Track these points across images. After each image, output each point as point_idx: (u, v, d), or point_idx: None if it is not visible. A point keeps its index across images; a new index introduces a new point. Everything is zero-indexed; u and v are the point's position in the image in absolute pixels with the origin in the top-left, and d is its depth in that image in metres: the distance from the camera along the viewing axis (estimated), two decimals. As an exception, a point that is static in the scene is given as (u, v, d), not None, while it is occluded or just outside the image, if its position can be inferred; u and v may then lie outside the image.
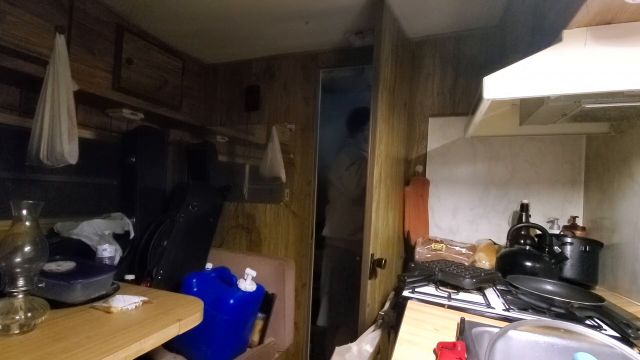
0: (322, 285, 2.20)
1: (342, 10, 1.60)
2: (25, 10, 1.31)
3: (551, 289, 1.04)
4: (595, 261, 1.28)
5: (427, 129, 1.84)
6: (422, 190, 1.79)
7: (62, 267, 1.17)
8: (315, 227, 2.06)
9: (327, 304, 2.17)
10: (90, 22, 1.58)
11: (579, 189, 1.54)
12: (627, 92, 0.81)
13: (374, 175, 1.36)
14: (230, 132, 2.38)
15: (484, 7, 1.53)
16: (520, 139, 1.62)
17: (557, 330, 0.75)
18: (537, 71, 0.77)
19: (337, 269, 2.16)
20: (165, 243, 1.78)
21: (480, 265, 1.38)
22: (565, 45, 0.78)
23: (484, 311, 0.92)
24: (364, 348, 1.19)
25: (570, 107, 0.96)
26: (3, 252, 0.88)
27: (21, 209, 0.92)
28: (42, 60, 1.35)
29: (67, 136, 1.38)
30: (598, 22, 0.76)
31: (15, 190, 1.51)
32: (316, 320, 2.15)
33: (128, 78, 1.76)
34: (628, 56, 0.73)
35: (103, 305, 1.08)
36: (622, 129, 1.21)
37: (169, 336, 1.03)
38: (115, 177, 1.92)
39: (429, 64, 1.85)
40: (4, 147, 1.47)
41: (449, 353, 0.65)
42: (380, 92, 1.39)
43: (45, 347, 0.82)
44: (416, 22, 1.68)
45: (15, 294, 0.88)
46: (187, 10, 1.67)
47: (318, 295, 2.19)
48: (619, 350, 0.65)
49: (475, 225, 1.71)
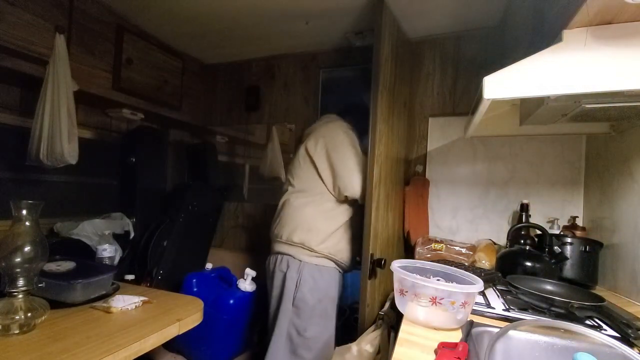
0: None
1: (342, 11, 1.60)
2: (25, 10, 1.31)
3: (551, 289, 1.04)
4: (595, 261, 1.28)
5: (427, 129, 1.84)
6: (422, 190, 1.79)
7: (62, 267, 1.17)
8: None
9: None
10: (90, 22, 1.58)
11: (579, 189, 1.54)
12: (627, 92, 0.81)
13: (374, 175, 1.36)
14: (230, 132, 2.38)
15: (484, 7, 1.53)
16: (520, 139, 1.62)
17: (557, 330, 0.75)
18: (537, 71, 0.77)
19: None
20: (165, 243, 1.78)
21: (480, 265, 1.38)
22: (565, 45, 0.78)
23: (484, 311, 0.92)
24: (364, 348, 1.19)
25: (570, 107, 0.96)
26: (3, 252, 0.88)
27: (21, 209, 0.92)
28: (42, 60, 1.35)
29: (67, 136, 1.38)
30: (598, 22, 0.76)
31: (15, 190, 1.51)
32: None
33: (128, 78, 1.76)
34: (628, 56, 0.73)
35: (103, 305, 1.08)
36: (622, 129, 1.21)
37: (169, 336, 1.03)
38: (115, 177, 1.92)
39: (429, 64, 1.85)
40: (4, 147, 1.47)
41: (448, 353, 0.65)
42: (380, 92, 1.39)
43: (45, 347, 0.82)
44: (416, 22, 1.68)
45: (15, 294, 0.88)
46: (187, 10, 1.67)
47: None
48: (619, 350, 0.65)
49: (475, 225, 1.71)
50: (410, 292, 0.83)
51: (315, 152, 1.45)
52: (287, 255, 1.44)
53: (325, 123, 1.55)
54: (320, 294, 1.41)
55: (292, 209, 1.46)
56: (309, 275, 1.40)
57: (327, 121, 1.57)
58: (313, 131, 1.54)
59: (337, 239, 1.45)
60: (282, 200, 1.52)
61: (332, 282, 1.46)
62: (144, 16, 1.76)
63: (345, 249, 1.48)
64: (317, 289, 1.40)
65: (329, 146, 1.44)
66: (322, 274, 1.43)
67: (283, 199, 1.52)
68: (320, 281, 1.42)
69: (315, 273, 1.41)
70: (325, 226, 1.43)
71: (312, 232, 1.41)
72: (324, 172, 1.44)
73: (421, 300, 0.80)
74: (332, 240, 1.44)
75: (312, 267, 1.41)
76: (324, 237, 1.42)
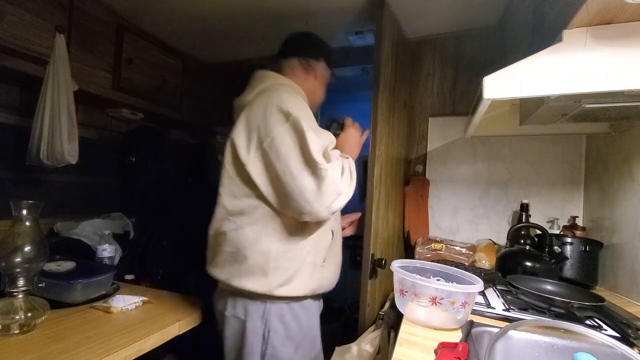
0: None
1: (342, 10, 1.60)
2: (25, 10, 1.31)
3: (551, 289, 1.04)
4: (595, 261, 1.28)
5: (427, 129, 1.84)
6: (422, 190, 1.79)
7: (62, 267, 1.17)
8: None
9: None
10: (90, 22, 1.58)
11: (579, 189, 1.54)
12: (627, 92, 0.81)
13: (374, 175, 1.36)
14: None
15: (484, 7, 1.53)
16: (520, 139, 1.62)
17: (557, 330, 0.75)
18: (537, 71, 0.77)
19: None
20: (165, 243, 1.78)
21: (480, 265, 1.38)
22: (565, 45, 0.78)
23: (484, 311, 0.92)
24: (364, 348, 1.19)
25: (570, 107, 0.96)
26: (3, 252, 0.88)
27: (21, 209, 0.92)
28: (42, 60, 1.35)
29: (67, 136, 1.38)
30: (598, 22, 0.76)
31: (15, 190, 1.51)
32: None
33: (128, 78, 1.76)
34: (628, 56, 0.73)
35: (103, 305, 1.09)
36: (622, 129, 1.21)
37: (169, 336, 1.03)
38: (115, 177, 1.92)
39: (429, 64, 1.85)
40: (4, 147, 1.47)
41: (448, 353, 0.65)
42: (380, 92, 1.39)
43: (45, 347, 0.82)
44: (416, 22, 1.68)
45: (15, 294, 0.88)
46: (187, 10, 1.67)
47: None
48: (619, 350, 0.65)
49: (475, 225, 1.71)
50: (410, 292, 0.83)
51: (249, 158, 0.93)
52: (243, 296, 0.97)
53: (258, 95, 1.00)
54: (298, 339, 0.99)
55: (229, 242, 0.97)
56: (279, 322, 0.96)
57: (260, 90, 1.01)
58: (242, 111, 0.98)
59: (311, 265, 0.98)
60: (212, 229, 1.04)
61: (313, 317, 1.05)
62: (144, 16, 1.76)
63: (328, 275, 1.04)
64: (293, 336, 0.98)
65: (267, 147, 0.90)
66: (295, 313, 0.98)
67: (213, 228, 1.03)
68: (294, 324, 0.98)
69: (286, 316, 0.97)
70: (284, 253, 0.95)
71: (264, 270, 0.93)
72: (266, 188, 0.93)
73: (421, 300, 0.80)
74: (305, 271, 0.96)
75: (282, 307, 0.97)
76: (289, 274, 0.94)
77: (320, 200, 0.86)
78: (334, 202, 0.87)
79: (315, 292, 1.01)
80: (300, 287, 0.96)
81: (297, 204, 0.88)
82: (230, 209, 0.98)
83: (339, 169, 0.89)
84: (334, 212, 0.90)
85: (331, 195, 0.86)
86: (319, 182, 0.85)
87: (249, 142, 0.94)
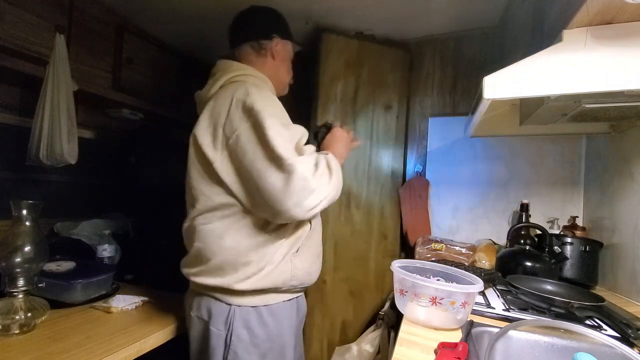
0: None
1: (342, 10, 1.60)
2: (25, 10, 1.31)
3: (551, 289, 1.04)
4: (595, 261, 1.28)
5: (427, 129, 1.84)
6: (422, 190, 1.79)
7: (62, 267, 1.17)
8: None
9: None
10: (90, 22, 1.58)
11: (579, 189, 1.54)
12: (627, 92, 0.81)
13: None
14: (230, 132, 2.37)
15: (484, 7, 1.53)
16: (520, 139, 1.62)
17: (557, 330, 0.75)
18: (537, 71, 0.77)
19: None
20: (165, 243, 1.78)
21: (480, 265, 1.38)
22: (565, 45, 0.78)
23: (484, 311, 0.92)
24: (364, 348, 1.20)
25: (570, 107, 0.96)
26: (3, 252, 0.88)
27: (21, 209, 0.92)
28: (42, 60, 1.35)
29: (66, 136, 1.38)
30: (598, 22, 0.76)
31: (15, 190, 1.51)
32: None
33: (128, 78, 1.76)
34: (628, 56, 0.73)
35: (103, 305, 1.09)
36: (622, 129, 1.21)
37: (169, 336, 1.03)
38: (115, 177, 1.92)
39: (429, 64, 1.85)
40: (4, 147, 1.47)
41: (448, 353, 0.65)
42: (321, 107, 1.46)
43: (45, 347, 0.82)
44: (416, 22, 1.68)
45: (15, 294, 0.88)
46: (187, 10, 1.67)
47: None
48: (619, 350, 0.65)
49: (475, 225, 1.71)
50: (410, 292, 0.83)
51: (216, 158, 0.87)
52: (208, 296, 0.92)
53: (222, 88, 0.96)
54: (264, 347, 0.90)
55: (198, 236, 0.92)
56: (243, 327, 0.88)
57: (224, 82, 0.97)
58: (206, 106, 0.94)
59: (281, 255, 0.90)
60: (186, 221, 1.00)
61: (284, 323, 0.94)
62: (144, 16, 1.76)
63: (302, 266, 0.93)
64: (259, 343, 0.89)
65: (232, 145, 0.85)
66: (263, 319, 0.90)
67: (185, 226, 1.00)
68: (260, 330, 0.90)
69: (252, 321, 0.89)
70: (256, 247, 0.88)
71: (235, 266, 0.87)
72: (235, 187, 0.87)
73: (421, 300, 0.80)
74: (273, 263, 0.88)
75: (249, 312, 0.89)
76: (259, 266, 0.87)
77: (289, 197, 0.77)
78: (306, 199, 0.78)
79: (287, 284, 0.90)
80: (265, 280, 0.87)
81: (266, 204, 0.81)
82: (200, 208, 0.92)
83: (310, 164, 0.80)
84: (311, 210, 0.79)
85: (301, 192, 0.77)
86: (286, 177, 0.77)
87: (215, 139, 0.88)
